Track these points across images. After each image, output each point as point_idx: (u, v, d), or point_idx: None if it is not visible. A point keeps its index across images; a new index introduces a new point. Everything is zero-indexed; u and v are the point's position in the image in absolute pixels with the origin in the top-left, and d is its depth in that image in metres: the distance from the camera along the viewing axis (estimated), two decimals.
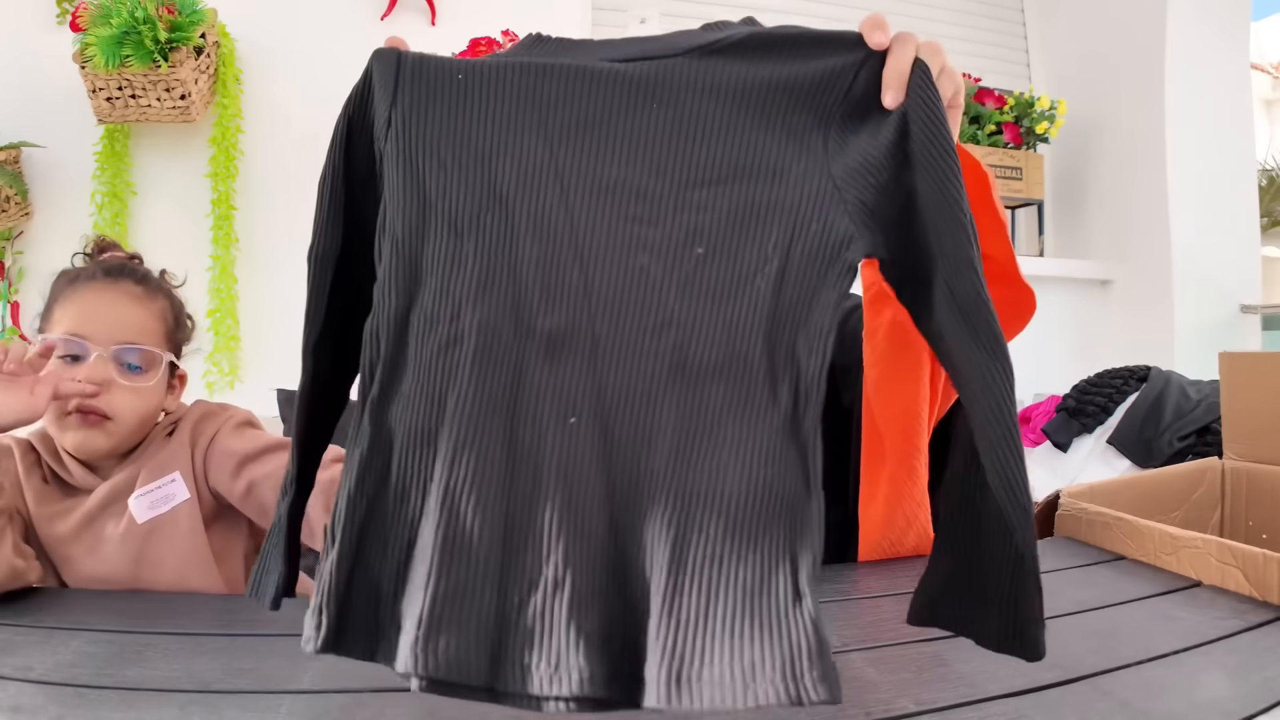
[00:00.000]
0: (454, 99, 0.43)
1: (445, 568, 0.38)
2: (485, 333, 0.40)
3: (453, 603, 0.37)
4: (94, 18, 1.41)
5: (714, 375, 0.40)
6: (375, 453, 0.41)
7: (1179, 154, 2.00)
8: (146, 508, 0.71)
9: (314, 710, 0.46)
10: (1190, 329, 1.98)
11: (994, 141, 2.02)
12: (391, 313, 0.42)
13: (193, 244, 1.61)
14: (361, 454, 0.40)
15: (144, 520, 0.70)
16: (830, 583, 0.74)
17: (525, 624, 0.37)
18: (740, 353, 0.40)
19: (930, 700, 0.48)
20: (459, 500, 0.38)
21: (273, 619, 0.50)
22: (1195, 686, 0.50)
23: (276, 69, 1.69)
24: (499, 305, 0.41)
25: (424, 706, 0.47)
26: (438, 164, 0.42)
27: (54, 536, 0.71)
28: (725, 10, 2.02)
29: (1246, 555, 0.68)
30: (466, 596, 0.38)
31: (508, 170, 0.42)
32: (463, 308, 0.41)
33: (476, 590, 0.38)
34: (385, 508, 0.40)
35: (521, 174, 0.42)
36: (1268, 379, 0.91)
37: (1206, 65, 2.03)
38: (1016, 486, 0.41)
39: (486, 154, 0.42)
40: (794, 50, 0.44)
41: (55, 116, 1.58)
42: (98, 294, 0.74)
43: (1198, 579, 0.73)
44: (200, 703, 0.47)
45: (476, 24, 1.70)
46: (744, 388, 0.40)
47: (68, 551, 0.72)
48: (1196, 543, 0.74)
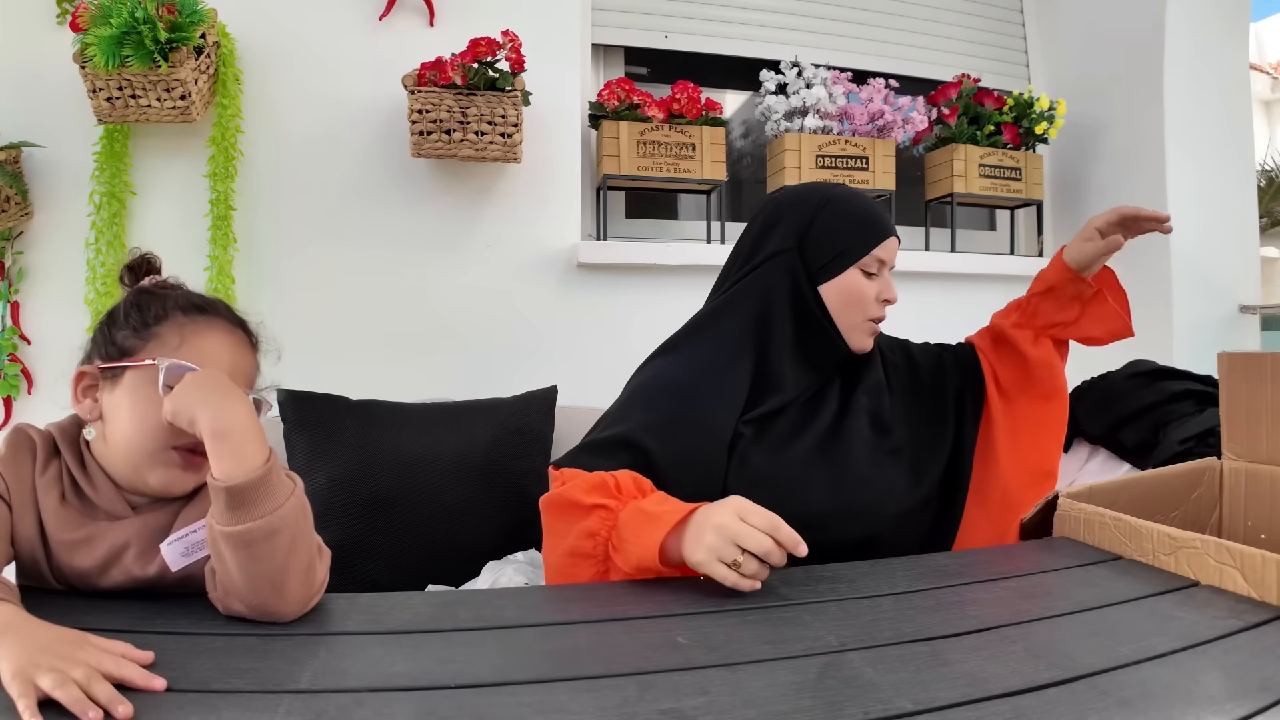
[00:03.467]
0: None
1: None
2: None
3: None
4: (94, 18, 1.41)
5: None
6: None
7: (1178, 154, 2.00)
8: (180, 554, 0.65)
9: (312, 710, 0.46)
10: (1189, 329, 1.98)
11: (993, 142, 2.02)
12: None
13: (191, 244, 1.61)
14: None
15: (178, 569, 0.66)
16: (829, 583, 0.74)
17: None
18: None
19: (929, 700, 0.48)
20: None
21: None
22: (1193, 686, 0.50)
23: (276, 69, 1.69)
24: None
25: (423, 706, 0.47)
26: None
27: (69, 564, 0.67)
28: (733, 22, 2.02)
29: (1245, 555, 0.69)
30: None
31: None
32: None
33: None
34: None
35: None
36: (1266, 379, 0.91)
37: (1206, 66, 2.03)
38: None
39: None
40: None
41: (55, 116, 1.58)
42: (224, 336, 0.72)
43: (1196, 579, 0.73)
44: (199, 702, 0.48)
45: (476, 24, 1.70)
46: None
47: (82, 577, 0.67)
48: (1195, 543, 0.74)
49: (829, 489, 0.94)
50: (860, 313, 0.99)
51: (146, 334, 0.69)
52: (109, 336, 0.70)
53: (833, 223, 0.98)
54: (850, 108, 1.91)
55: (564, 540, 0.81)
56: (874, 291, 0.99)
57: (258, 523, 0.60)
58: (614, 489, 0.82)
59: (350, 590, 0.69)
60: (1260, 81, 6.78)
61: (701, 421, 0.92)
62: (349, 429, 1.38)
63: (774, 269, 0.99)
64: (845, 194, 1.02)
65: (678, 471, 0.88)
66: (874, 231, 0.98)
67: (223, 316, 0.73)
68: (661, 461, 0.88)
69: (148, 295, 0.72)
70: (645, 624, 0.64)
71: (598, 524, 0.79)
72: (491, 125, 1.61)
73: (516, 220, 1.79)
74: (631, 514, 0.77)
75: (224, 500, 0.60)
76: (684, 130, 1.80)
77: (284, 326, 0.79)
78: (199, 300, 0.73)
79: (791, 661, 0.55)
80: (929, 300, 1.85)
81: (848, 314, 0.98)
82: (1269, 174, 5.14)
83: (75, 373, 0.70)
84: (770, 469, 0.92)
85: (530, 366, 1.71)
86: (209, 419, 0.62)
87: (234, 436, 0.62)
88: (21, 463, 0.67)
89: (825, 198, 1.00)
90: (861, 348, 1.01)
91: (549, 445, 1.48)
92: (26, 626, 0.52)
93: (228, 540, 0.60)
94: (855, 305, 0.98)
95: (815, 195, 1.01)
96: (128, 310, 0.71)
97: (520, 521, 1.40)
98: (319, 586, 0.65)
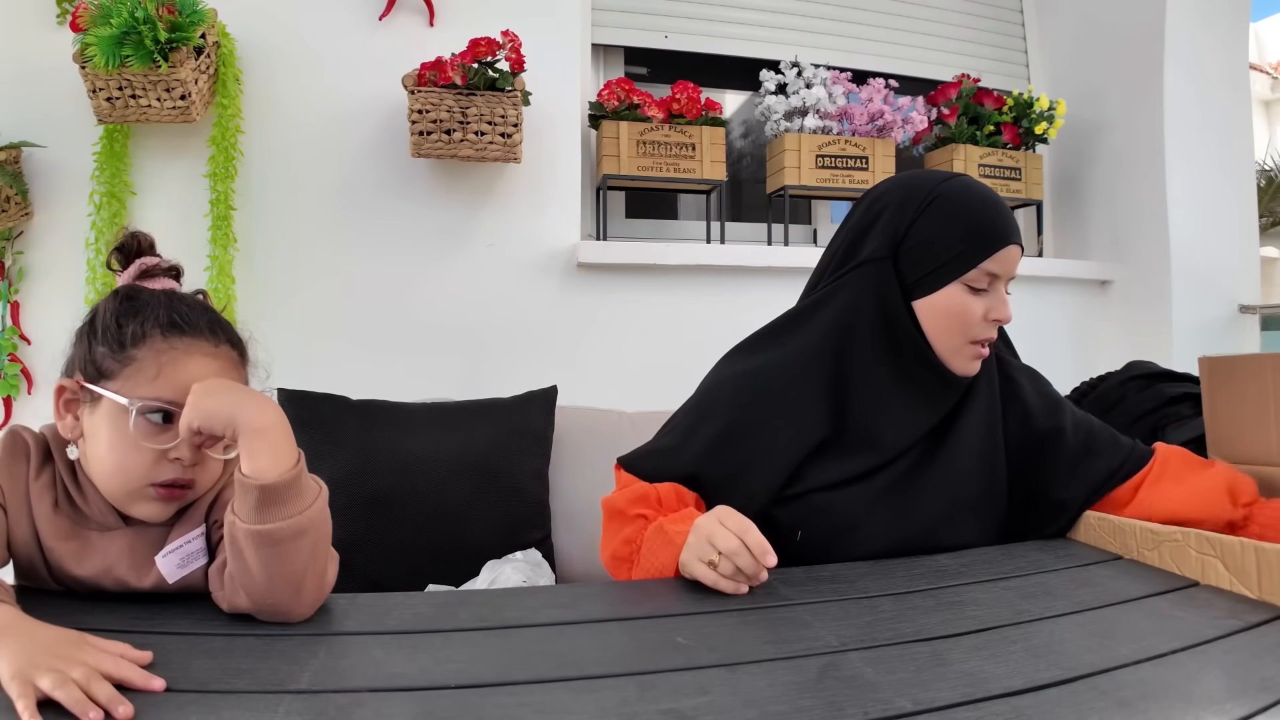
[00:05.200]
0: None
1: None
2: None
3: None
4: (94, 18, 1.41)
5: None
6: None
7: (1178, 154, 2.00)
8: (176, 566, 0.65)
9: (312, 710, 0.46)
10: (1189, 329, 1.98)
11: (993, 142, 2.02)
12: None
13: (191, 244, 1.61)
14: None
15: (175, 580, 0.65)
16: (829, 583, 0.74)
17: None
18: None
19: (928, 700, 0.48)
20: None
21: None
22: (1193, 686, 0.50)
23: (276, 69, 1.69)
24: None
25: (423, 706, 0.47)
26: None
27: (65, 570, 0.66)
28: (733, 22, 2.02)
29: (1224, 545, 0.70)
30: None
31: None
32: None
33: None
34: None
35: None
36: (1246, 380, 0.92)
37: (1205, 66, 2.03)
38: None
39: None
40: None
41: (55, 116, 1.58)
42: (203, 361, 0.67)
43: (1180, 572, 0.74)
44: (199, 702, 0.48)
45: (475, 24, 1.70)
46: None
47: (78, 581, 0.67)
48: (1175, 536, 0.75)
49: (888, 535, 0.85)
50: (961, 334, 0.85)
51: (124, 357, 0.65)
52: (89, 351, 0.67)
53: (934, 228, 0.84)
54: (850, 108, 1.91)
55: (611, 542, 0.87)
56: (981, 310, 0.84)
57: (286, 522, 0.60)
58: (655, 501, 0.87)
59: (350, 590, 0.69)
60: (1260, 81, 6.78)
61: (758, 435, 0.87)
62: (349, 429, 1.38)
63: (862, 278, 0.87)
64: (957, 191, 0.86)
65: (727, 487, 0.86)
66: (984, 241, 0.83)
67: (204, 336, 0.68)
68: (707, 483, 0.89)
69: (129, 305, 0.68)
70: (645, 624, 0.64)
71: (635, 533, 0.83)
72: (491, 125, 1.61)
73: (516, 220, 1.79)
74: (654, 532, 0.81)
75: (255, 498, 0.59)
76: (684, 130, 1.80)
77: (284, 326, 0.79)
78: (180, 316, 0.68)
79: (791, 661, 0.55)
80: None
81: (946, 336, 0.85)
82: (1269, 174, 5.14)
83: (57, 385, 0.67)
84: (828, 502, 0.85)
85: (530, 366, 1.71)
86: (249, 417, 0.61)
87: (271, 433, 0.62)
88: (16, 466, 0.66)
89: (931, 195, 0.86)
90: (964, 372, 0.87)
91: (549, 445, 1.48)
92: (25, 627, 0.52)
93: (253, 538, 0.59)
94: (955, 326, 0.84)
95: (920, 191, 0.87)
96: (107, 324, 0.67)
97: (520, 521, 1.40)
98: (328, 589, 0.66)
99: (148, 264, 0.73)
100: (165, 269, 0.74)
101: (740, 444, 0.87)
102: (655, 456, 0.92)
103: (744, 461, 0.87)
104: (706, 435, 0.89)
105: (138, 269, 0.72)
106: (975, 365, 0.87)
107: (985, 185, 0.90)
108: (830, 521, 0.85)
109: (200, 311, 0.70)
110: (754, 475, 0.86)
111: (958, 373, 0.87)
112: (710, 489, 0.88)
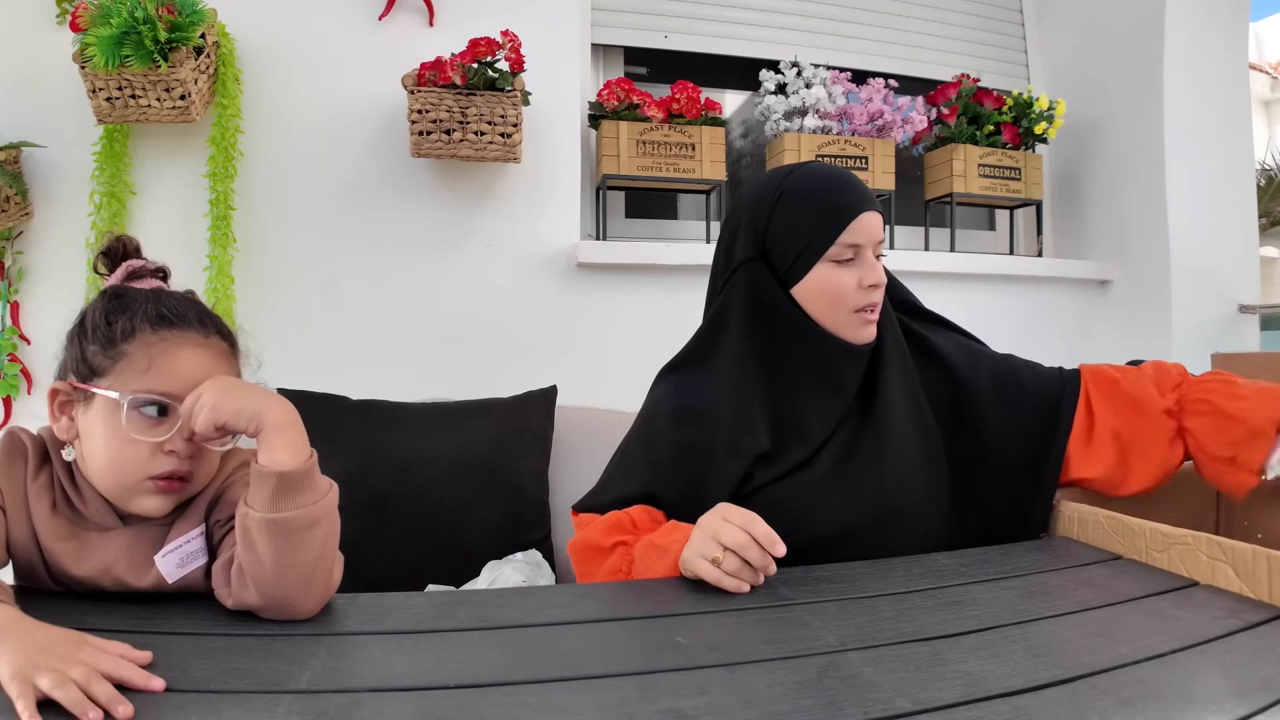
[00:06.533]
0: None
1: None
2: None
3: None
4: (94, 18, 1.41)
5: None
6: None
7: (1178, 154, 2.00)
8: (176, 565, 0.65)
9: (312, 710, 0.46)
10: (1189, 329, 1.98)
11: (992, 142, 2.02)
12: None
13: (191, 244, 1.60)
14: None
15: (174, 580, 0.65)
16: (828, 583, 0.74)
17: None
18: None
19: (928, 699, 0.48)
20: None
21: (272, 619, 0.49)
22: (1193, 686, 0.50)
23: (276, 69, 1.69)
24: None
25: (423, 706, 0.47)
26: None
27: (64, 571, 0.66)
28: (733, 21, 2.02)
29: (1236, 550, 0.69)
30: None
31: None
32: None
33: None
34: None
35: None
36: (1259, 378, 0.92)
37: (1205, 65, 2.03)
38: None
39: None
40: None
41: (55, 116, 1.58)
42: (194, 352, 0.68)
43: (1189, 576, 0.73)
44: (198, 702, 0.48)
45: (475, 24, 1.70)
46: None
47: (78, 582, 0.67)
48: (1187, 539, 0.74)
49: (846, 510, 0.88)
50: (842, 307, 0.88)
51: (114, 353, 0.66)
52: (81, 351, 0.67)
53: (788, 219, 0.89)
54: (850, 107, 1.91)
55: (594, 580, 0.86)
56: (853, 280, 0.87)
57: (300, 511, 0.61)
58: (629, 526, 0.87)
59: (350, 590, 0.69)
60: (1260, 81, 6.78)
61: (703, 451, 0.89)
62: (349, 429, 1.38)
63: (739, 282, 0.92)
64: (801, 180, 0.91)
65: (686, 500, 0.87)
66: (833, 217, 0.87)
67: (193, 328, 0.68)
68: (666, 500, 0.90)
69: (117, 302, 0.68)
70: (645, 624, 0.64)
71: (619, 561, 0.83)
72: (491, 125, 1.61)
73: (516, 220, 1.79)
74: (644, 549, 0.81)
75: (272, 486, 0.61)
76: (683, 130, 1.80)
77: (283, 326, 0.79)
78: (168, 309, 0.68)
79: (791, 661, 0.55)
80: (928, 300, 1.84)
81: (830, 312, 0.89)
82: (1268, 174, 5.14)
83: (50, 388, 0.68)
84: (779, 494, 0.88)
85: (530, 366, 1.71)
86: (275, 413, 0.63)
87: (291, 428, 0.63)
88: (14, 467, 0.67)
89: (779, 190, 0.90)
90: (859, 339, 0.90)
91: (549, 445, 1.48)
92: (24, 627, 0.52)
93: (267, 527, 0.60)
94: (834, 302, 0.88)
95: (770, 189, 0.92)
96: (96, 323, 0.67)
97: (520, 521, 1.40)
98: (335, 587, 0.66)
99: (134, 266, 0.73)
100: (152, 270, 0.74)
101: (689, 461, 0.89)
102: (611, 487, 0.93)
103: (699, 472, 0.88)
104: (655, 458, 0.91)
105: (125, 272, 0.72)
106: (869, 330, 0.91)
107: (832, 165, 0.95)
108: (787, 511, 0.86)
109: (188, 305, 0.70)
110: (708, 485, 0.87)
111: (854, 341, 0.90)
112: (670, 506, 0.89)
